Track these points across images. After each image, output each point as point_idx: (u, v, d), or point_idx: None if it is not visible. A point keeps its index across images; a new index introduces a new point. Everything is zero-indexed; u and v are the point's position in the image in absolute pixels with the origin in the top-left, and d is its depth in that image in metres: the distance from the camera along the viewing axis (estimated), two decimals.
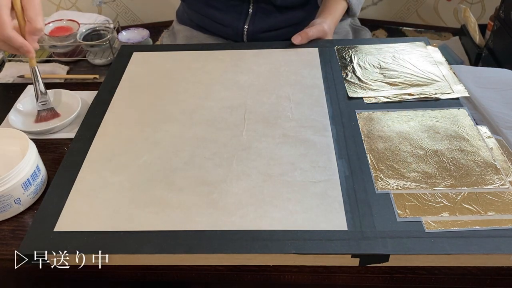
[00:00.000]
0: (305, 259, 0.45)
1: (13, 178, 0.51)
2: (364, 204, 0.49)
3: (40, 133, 0.65)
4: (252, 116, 0.62)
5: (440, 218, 0.47)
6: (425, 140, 0.57)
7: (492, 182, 0.51)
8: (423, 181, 0.51)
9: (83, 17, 0.95)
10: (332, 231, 0.46)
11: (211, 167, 0.54)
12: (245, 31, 0.88)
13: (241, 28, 0.88)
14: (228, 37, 0.92)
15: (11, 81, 0.80)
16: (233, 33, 0.89)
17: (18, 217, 0.53)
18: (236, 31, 0.88)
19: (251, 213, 0.48)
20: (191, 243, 0.45)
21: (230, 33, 0.90)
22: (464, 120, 0.60)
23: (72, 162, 0.55)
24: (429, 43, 0.77)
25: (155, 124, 0.61)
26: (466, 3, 1.92)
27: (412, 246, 0.44)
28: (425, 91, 0.65)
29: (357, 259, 0.45)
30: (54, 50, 0.87)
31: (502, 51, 1.50)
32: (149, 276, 0.48)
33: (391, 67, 0.71)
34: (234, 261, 0.46)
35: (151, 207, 0.49)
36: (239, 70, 0.71)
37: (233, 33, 0.89)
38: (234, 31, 0.89)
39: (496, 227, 0.46)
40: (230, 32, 0.89)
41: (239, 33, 0.89)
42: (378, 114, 0.62)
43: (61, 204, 0.50)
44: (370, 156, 0.55)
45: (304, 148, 0.56)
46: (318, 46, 0.77)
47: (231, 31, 0.89)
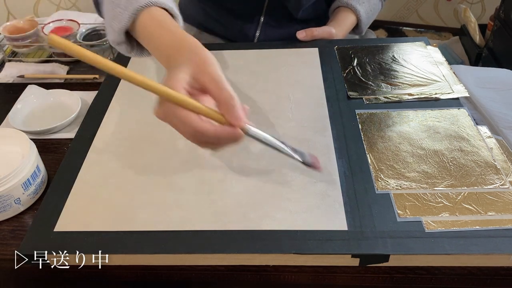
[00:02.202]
0: (305, 259, 0.45)
1: (13, 178, 0.51)
2: (364, 204, 0.49)
3: (40, 133, 0.65)
4: (252, 116, 0.61)
5: (440, 218, 0.47)
6: (425, 140, 0.57)
7: (492, 182, 0.51)
8: (423, 181, 0.51)
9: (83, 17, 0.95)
10: (332, 231, 0.46)
11: (211, 167, 0.54)
12: (255, 39, 0.88)
13: (251, 36, 0.88)
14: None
15: (11, 81, 0.80)
16: (243, 40, 0.89)
17: (18, 217, 0.53)
18: (246, 39, 0.88)
19: (251, 213, 0.48)
20: (191, 243, 0.45)
21: (240, 40, 0.89)
22: (464, 120, 0.60)
23: (72, 162, 0.55)
24: (429, 43, 0.77)
25: (155, 124, 0.61)
26: (466, 3, 1.92)
27: (412, 246, 0.44)
28: (425, 91, 0.65)
29: (357, 259, 0.45)
30: (54, 50, 0.86)
31: (502, 51, 1.50)
32: (149, 276, 0.48)
33: (391, 67, 0.71)
34: (234, 261, 0.46)
35: (151, 207, 0.49)
36: (239, 70, 0.71)
37: (243, 40, 0.89)
38: (244, 39, 0.88)
39: (496, 227, 0.46)
40: (241, 39, 0.89)
41: (250, 40, 0.88)
42: (378, 114, 0.62)
43: (61, 204, 0.50)
44: (370, 156, 0.55)
45: (304, 148, 0.56)
46: (318, 46, 0.77)
47: (242, 38, 0.89)
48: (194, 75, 0.43)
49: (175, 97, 0.40)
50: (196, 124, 0.41)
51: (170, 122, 0.43)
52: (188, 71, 0.43)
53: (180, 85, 0.41)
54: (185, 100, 0.40)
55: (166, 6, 0.51)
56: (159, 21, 0.49)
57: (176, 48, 0.46)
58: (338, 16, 0.85)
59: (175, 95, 0.40)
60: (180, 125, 0.42)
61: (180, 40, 0.46)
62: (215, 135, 0.41)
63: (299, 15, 0.85)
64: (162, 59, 0.48)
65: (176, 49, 0.46)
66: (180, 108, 0.41)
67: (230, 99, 0.41)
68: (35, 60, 0.87)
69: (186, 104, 0.41)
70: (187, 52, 0.44)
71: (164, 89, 0.40)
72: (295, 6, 0.83)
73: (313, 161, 0.49)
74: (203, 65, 0.43)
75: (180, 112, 0.41)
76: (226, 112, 0.41)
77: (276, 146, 0.45)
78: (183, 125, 0.41)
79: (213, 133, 0.41)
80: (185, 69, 0.43)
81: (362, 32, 0.89)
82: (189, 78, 0.42)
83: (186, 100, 0.41)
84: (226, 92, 0.41)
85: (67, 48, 0.38)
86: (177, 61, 0.44)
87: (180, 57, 0.45)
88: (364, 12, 0.85)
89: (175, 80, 0.42)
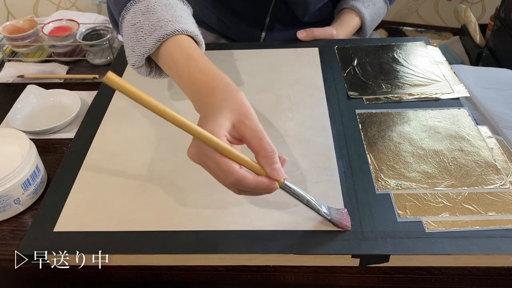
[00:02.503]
0: (305, 259, 0.45)
1: (13, 178, 0.51)
2: (364, 204, 0.49)
3: (40, 133, 0.65)
4: None
5: (441, 218, 0.47)
6: (426, 140, 0.57)
7: (492, 182, 0.51)
8: (423, 181, 0.51)
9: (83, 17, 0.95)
10: (332, 231, 0.46)
11: None
12: (261, 40, 0.87)
13: (257, 38, 0.87)
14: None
15: (10, 81, 0.80)
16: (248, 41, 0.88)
17: (17, 217, 0.53)
18: (251, 41, 0.87)
19: (251, 213, 0.48)
20: (191, 243, 0.45)
21: (245, 41, 0.88)
22: (464, 120, 0.60)
23: (72, 162, 0.55)
24: (430, 43, 0.77)
25: (155, 124, 0.61)
26: (467, 3, 1.92)
27: (412, 246, 0.44)
28: (426, 91, 0.65)
29: (357, 259, 0.45)
30: (54, 50, 0.86)
31: (502, 51, 1.50)
32: (149, 276, 0.48)
33: (391, 67, 0.71)
34: (234, 261, 0.46)
35: (151, 207, 0.49)
36: (239, 70, 0.71)
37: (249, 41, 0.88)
38: (249, 41, 0.87)
39: (497, 227, 0.46)
40: (246, 41, 0.88)
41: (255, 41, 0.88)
42: (378, 114, 0.61)
43: (61, 204, 0.50)
44: (370, 156, 0.55)
45: (304, 148, 0.56)
46: (318, 46, 0.77)
47: (247, 40, 0.88)
48: (236, 123, 0.42)
49: (217, 144, 0.40)
50: (238, 175, 0.40)
51: (205, 165, 0.43)
52: (229, 118, 0.42)
53: (222, 132, 0.41)
54: (227, 149, 0.40)
55: (192, 34, 0.51)
56: (188, 53, 0.48)
57: (210, 86, 0.45)
58: (342, 18, 0.84)
59: (217, 143, 0.40)
60: (219, 172, 0.41)
61: (213, 78, 0.46)
62: (255, 186, 0.41)
63: (305, 19, 0.85)
64: (190, 93, 0.47)
65: (211, 88, 0.45)
66: (220, 155, 0.40)
67: (273, 154, 0.41)
68: (34, 60, 0.87)
69: (228, 154, 0.40)
70: (223, 93, 0.44)
71: (205, 134, 0.39)
72: (303, 11, 0.82)
73: (340, 220, 0.46)
74: (244, 115, 0.42)
75: (220, 160, 0.40)
76: (267, 165, 0.42)
77: (306, 203, 0.45)
78: (223, 173, 0.41)
79: (254, 184, 0.41)
80: (227, 115, 0.42)
81: (366, 35, 0.88)
82: (230, 126, 0.42)
83: (228, 149, 0.40)
84: (268, 146, 0.41)
85: (123, 89, 0.37)
86: (214, 104, 0.43)
87: (215, 98, 0.44)
88: (368, 15, 0.84)
89: (216, 125, 0.41)
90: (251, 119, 0.42)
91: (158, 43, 0.49)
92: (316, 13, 0.86)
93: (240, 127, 0.42)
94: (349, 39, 0.82)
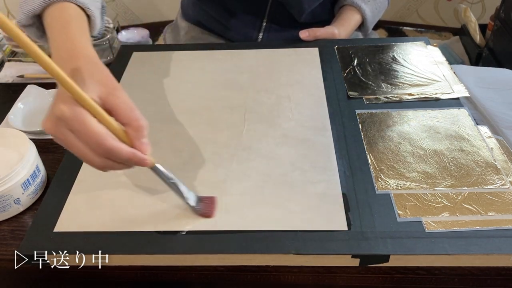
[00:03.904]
0: (305, 259, 0.45)
1: (12, 178, 0.50)
2: (364, 204, 0.49)
3: (40, 133, 0.65)
4: (252, 116, 0.62)
5: (441, 218, 0.47)
6: (426, 140, 0.57)
7: (492, 182, 0.51)
8: (423, 181, 0.51)
9: None
10: (332, 231, 0.46)
11: (211, 167, 0.54)
12: (258, 41, 0.87)
13: (254, 39, 0.87)
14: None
15: (10, 81, 0.80)
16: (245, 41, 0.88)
17: (17, 217, 0.53)
18: (248, 42, 0.87)
19: (251, 213, 0.48)
20: (191, 243, 0.45)
21: (243, 41, 0.88)
22: (464, 120, 0.60)
23: (72, 162, 0.55)
24: (429, 43, 0.77)
25: (155, 124, 0.61)
26: (467, 3, 1.92)
27: (412, 247, 0.44)
28: (425, 91, 0.65)
29: (357, 259, 0.45)
30: None
31: (502, 51, 1.50)
32: (149, 276, 0.48)
33: (391, 67, 0.71)
34: (234, 261, 0.46)
35: (151, 207, 0.49)
36: (239, 70, 0.71)
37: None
38: (246, 41, 0.87)
39: (497, 227, 0.46)
40: (244, 41, 0.88)
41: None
42: (378, 114, 0.61)
43: (61, 204, 0.50)
44: (370, 156, 0.55)
45: (304, 148, 0.56)
46: (318, 46, 0.77)
47: (244, 41, 0.87)
48: (103, 96, 0.40)
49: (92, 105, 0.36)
50: (111, 143, 0.37)
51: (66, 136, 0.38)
52: (96, 91, 0.39)
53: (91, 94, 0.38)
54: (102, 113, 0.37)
55: (82, 6, 0.51)
56: (65, 20, 0.49)
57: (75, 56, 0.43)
58: (343, 15, 0.84)
59: (91, 104, 0.36)
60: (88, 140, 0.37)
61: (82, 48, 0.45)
62: (129, 157, 0.39)
63: (302, 19, 0.85)
64: (56, 59, 0.45)
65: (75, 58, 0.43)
66: (95, 121, 0.37)
67: (144, 128, 0.40)
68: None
69: (101, 118, 0.37)
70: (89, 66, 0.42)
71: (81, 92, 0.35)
72: (298, 11, 0.82)
73: (205, 211, 0.47)
74: (113, 88, 0.40)
75: (95, 125, 0.37)
76: (137, 138, 0.40)
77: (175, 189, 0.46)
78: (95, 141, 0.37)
79: (129, 154, 0.39)
80: (93, 88, 0.39)
81: (368, 31, 0.88)
82: (97, 99, 0.39)
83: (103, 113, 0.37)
84: (141, 118, 0.40)
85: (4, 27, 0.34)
86: (79, 74, 0.41)
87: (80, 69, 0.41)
88: (369, 11, 0.84)
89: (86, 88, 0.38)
90: (121, 91, 0.41)
91: (43, 4, 0.50)
92: (313, 14, 0.86)
93: (108, 99, 0.39)
94: (349, 39, 0.82)
